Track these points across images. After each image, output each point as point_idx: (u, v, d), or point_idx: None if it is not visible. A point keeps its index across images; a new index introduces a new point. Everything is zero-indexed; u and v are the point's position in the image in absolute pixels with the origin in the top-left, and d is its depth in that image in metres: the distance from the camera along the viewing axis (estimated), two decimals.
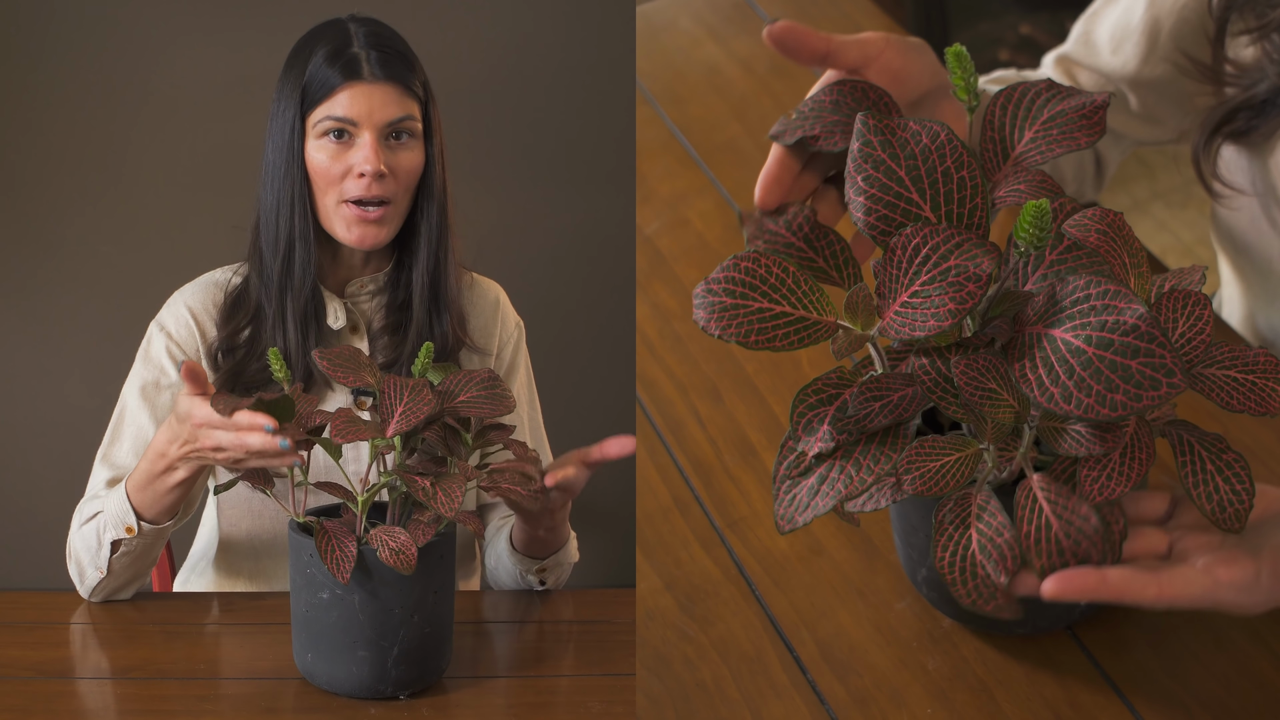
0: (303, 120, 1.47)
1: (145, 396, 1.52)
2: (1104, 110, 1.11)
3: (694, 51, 1.89)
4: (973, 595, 1.04)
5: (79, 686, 1.30)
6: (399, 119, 1.47)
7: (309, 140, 1.47)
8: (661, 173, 1.72)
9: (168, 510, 1.41)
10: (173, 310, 1.55)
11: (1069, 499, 1.02)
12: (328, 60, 1.46)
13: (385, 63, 1.46)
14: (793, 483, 1.05)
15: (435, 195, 1.52)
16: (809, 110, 1.14)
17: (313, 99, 1.46)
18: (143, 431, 1.50)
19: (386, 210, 1.48)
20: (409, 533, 1.22)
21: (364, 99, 1.45)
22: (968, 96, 1.09)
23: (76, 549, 1.46)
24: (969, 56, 1.09)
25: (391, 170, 1.47)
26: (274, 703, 1.27)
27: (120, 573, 1.45)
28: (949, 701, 1.15)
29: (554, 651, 1.44)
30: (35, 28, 2.11)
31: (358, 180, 1.46)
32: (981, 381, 1.01)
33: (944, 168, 1.05)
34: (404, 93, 1.48)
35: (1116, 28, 1.55)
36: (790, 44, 1.14)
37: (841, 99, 1.14)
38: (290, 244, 1.48)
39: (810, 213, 1.09)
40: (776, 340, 1.03)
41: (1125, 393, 0.95)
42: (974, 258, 1.00)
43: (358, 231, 1.48)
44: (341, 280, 1.56)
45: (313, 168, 1.47)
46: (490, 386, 1.29)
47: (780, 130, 1.14)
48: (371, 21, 1.51)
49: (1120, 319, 0.96)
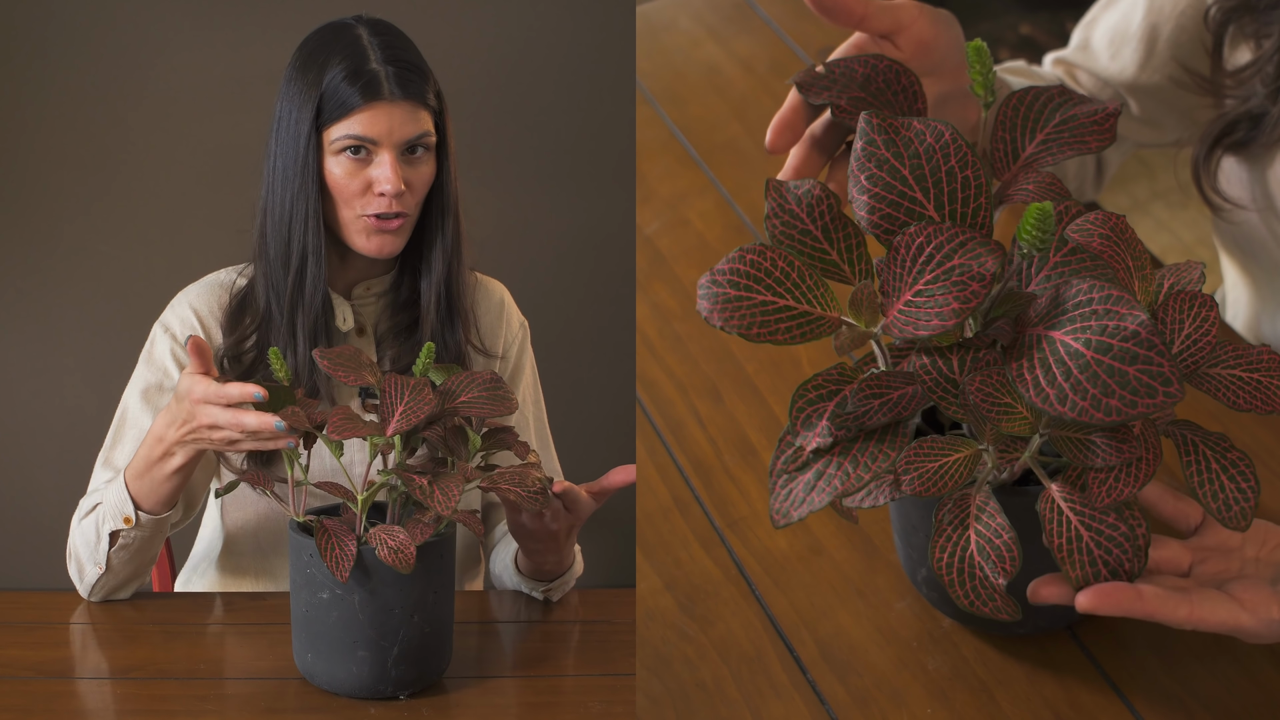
0: (318, 133, 1.47)
1: (147, 399, 1.51)
2: (1115, 118, 1.11)
3: (694, 51, 1.89)
4: (971, 596, 1.04)
5: (79, 686, 1.30)
6: (417, 136, 1.47)
7: (326, 155, 1.47)
8: (661, 173, 1.72)
9: (165, 500, 1.41)
10: (178, 312, 1.55)
11: (1093, 508, 1.02)
12: (347, 78, 1.45)
13: (403, 81, 1.46)
14: (789, 477, 1.05)
15: (450, 206, 1.53)
16: (840, 75, 1.13)
17: (331, 115, 1.45)
18: (144, 432, 1.50)
19: (404, 222, 1.49)
20: (408, 532, 1.22)
21: (384, 119, 1.45)
22: (984, 93, 1.09)
23: (76, 545, 1.46)
24: (989, 52, 1.09)
25: (409, 184, 1.48)
26: (274, 703, 1.27)
27: (119, 569, 1.45)
28: (949, 701, 1.14)
29: (554, 651, 1.44)
30: (35, 28, 2.11)
31: (379, 198, 1.46)
32: (997, 397, 1.01)
33: (948, 167, 1.05)
34: (420, 108, 1.48)
35: (1115, 33, 1.55)
36: (829, 4, 1.15)
37: (873, 76, 1.13)
38: (304, 258, 1.48)
39: (834, 200, 1.08)
40: (779, 333, 1.03)
41: (1121, 398, 0.95)
42: (978, 257, 1.00)
43: (376, 241, 1.49)
44: (349, 283, 1.56)
45: (331, 182, 1.47)
46: (492, 388, 1.29)
47: (805, 81, 1.13)
48: (383, 28, 1.50)
49: (1121, 324, 0.96)
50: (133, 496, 1.41)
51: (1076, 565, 1.02)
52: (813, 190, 1.07)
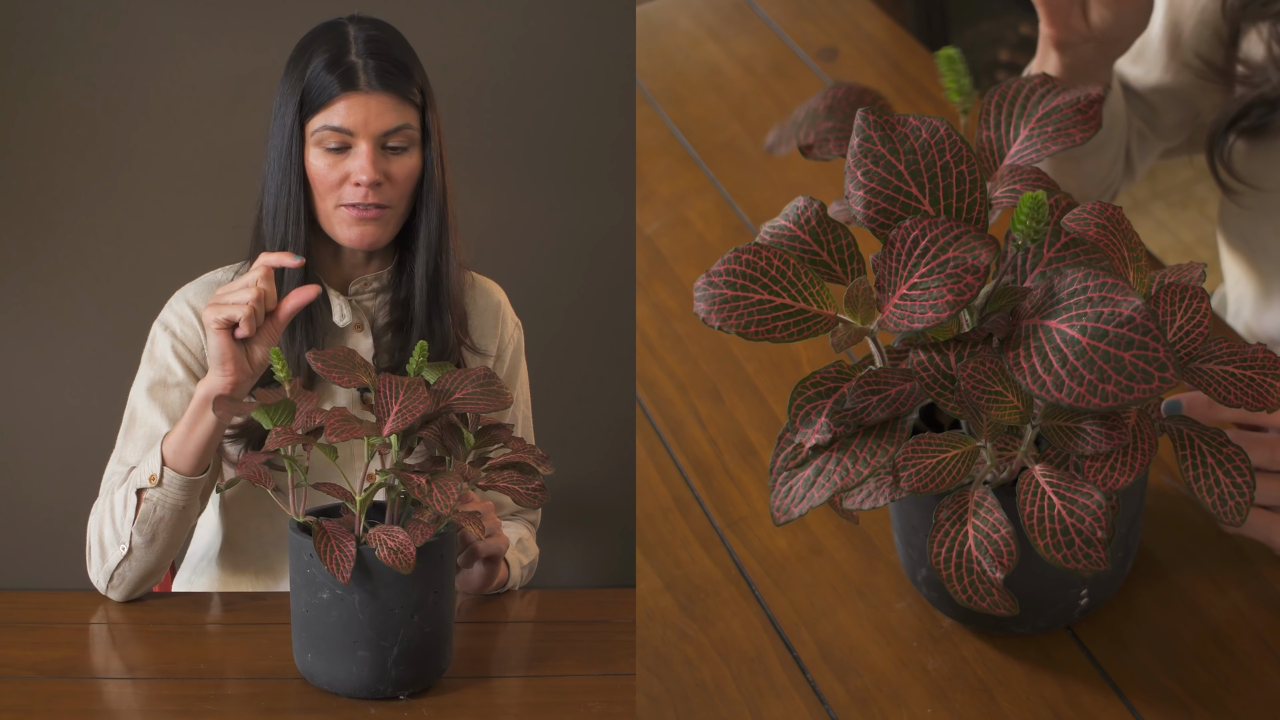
0: (301, 126, 1.48)
1: (154, 396, 1.52)
2: (1099, 104, 1.11)
3: (694, 51, 1.90)
4: (969, 592, 1.04)
5: (79, 686, 1.30)
6: (395, 128, 1.48)
7: (308, 147, 1.48)
8: (661, 173, 1.72)
9: (194, 457, 1.43)
10: (176, 310, 1.56)
11: (1072, 480, 1.02)
12: (326, 68, 1.47)
13: (382, 73, 1.47)
14: (789, 474, 1.05)
15: (435, 199, 1.53)
16: (802, 117, 1.15)
17: (311, 106, 1.48)
18: (154, 431, 1.51)
19: (384, 212, 1.50)
20: (407, 532, 1.22)
21: (360, 109, 1.46)
22: (960, 99, 1.10)
23: (98, 528, 1.47)
24: (960, 59, 1.09)
25: (388, 177, 1.49)
26: (274, 703, 1.27)
27: (140, 553, 1.45)
28: (949, 701, 1.14)
29: (554, 651, 1.44)
30: (35, 29, 2.11)
31: (354, 188, 1.48)
32: (987, 385, 1.01)
33: (943, 162, 1.05)
34: (400, 101, 1.48)
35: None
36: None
37: (835, 104, 1.14)
38: (284, 247, 1.49)
39: (820, 206, 1.09)
40: (776, 331, 1.03)
41: (1117, 384, 0.95)
42: (972, 249, 1.00)
43: (356, 231, 1.49)
44: (345, 278, 1.57)
45: (311, 174, 1.49)
46: (486, 383, 1.29)
47: (774, 141, 1.15)
48: (371, 25, 1.51)
49: (1116, 310, 0.96)
50: (163, 455, 1.43)
51: (1046, 534, 1.02)
52: (797, 203, 1.09)
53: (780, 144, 1.14)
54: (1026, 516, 1.03)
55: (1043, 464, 1.04)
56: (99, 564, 1.47)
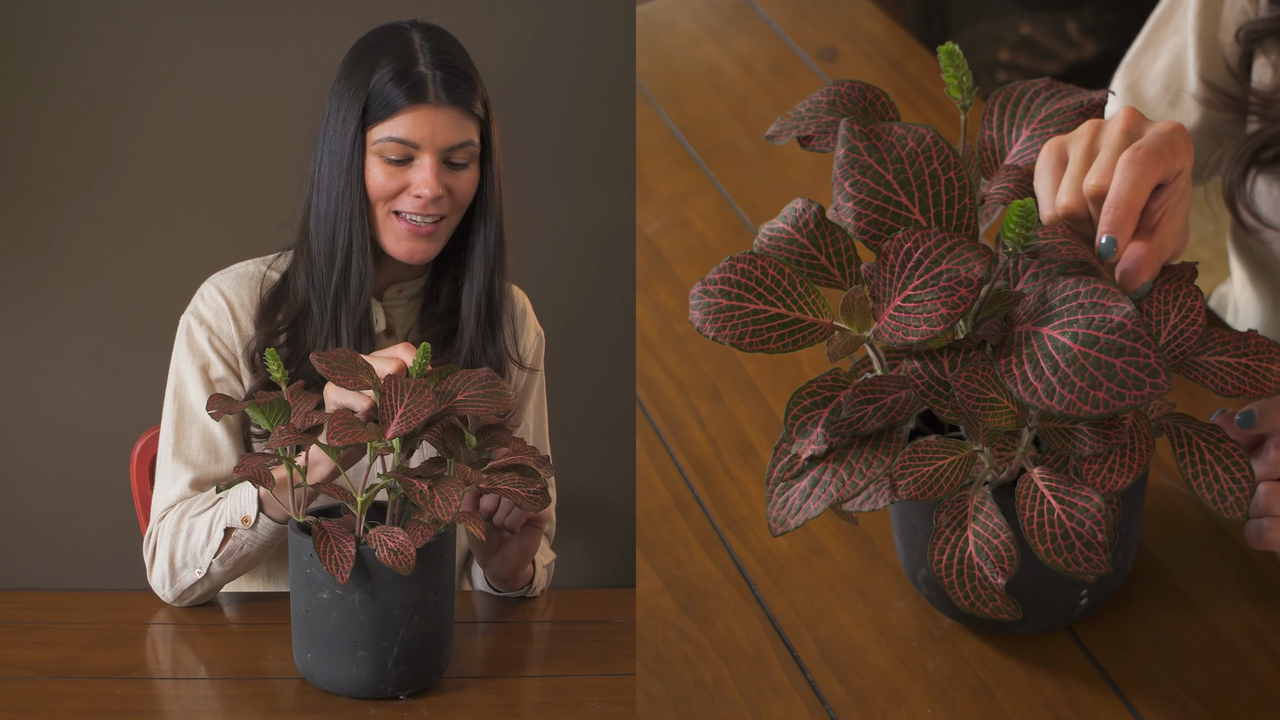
0: (363, 133, 1.46)
1: (204, 384, 1.50)
2: (1102, 107, 1.11)
3: (694, 51, 1.90)
4: (971, 598, 1.04)
5: (79, 686, 1.30)
6: (460, 144, 1.47)
7: (368, 155, 1.46)
8: (661, 173, 1.72)
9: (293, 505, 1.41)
10: (209, 301, 1.53)
11: (1071, 483, 1.02)
12: (394, 79, 1.44)
13: (450, 86, 1.45)
14: (785, 485, 1.05)
15: (493, 215, 1.52)
16: (805, 110, 1.14)
17: (375, 115, 1.45)
18: (208, 424, 1.50)
19: (438, 227, 1.48)
20: (408, 533, 1.22)
21: (428, 123, 1.45)
22: (961, 95, 1.09)
23: (173, 548, 1.44)
24: (961, 54, 1.09)
25: (449, 191, 1.47)
26: (274, 703, 1.27)
27: (218, 578, 1.45)
28: (949, 701, 1.14)
29: (554, 651, 1.44)
30: (35, 28, 2.11)
31: (414, 199, 1.46)
32: (982, 392, 1.01)
33: (931, 170, 1.05)
34: (466, 115, 1.47)
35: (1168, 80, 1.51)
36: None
37: (838, 99, 1.14)
38: (348, 258, 1.48)
39: (818, 209, 1.08)
40: (771, 342, 1.03)
41: (1108, 390, 0.95)
42: (965, 262, 1.00)
43: (408, 246, 1.48)
44: (381, 285, 1.55)
45: (369, 182, 1.46)
46: (489, 385, 1.28)
47: (776, 131, 1.14)
48: (436, 34, 1.49)
49: (1107, 317, 0.96)
50: (260, 499, 1.41)
51: (1046, 539, 1.02)
52: (795, 205, 1.08)
53: (781, 134, 1.13)
54: (1026, 522, 1.02)
55: (1041, 467, 1.04)
56: (168, 582, 1.46)
